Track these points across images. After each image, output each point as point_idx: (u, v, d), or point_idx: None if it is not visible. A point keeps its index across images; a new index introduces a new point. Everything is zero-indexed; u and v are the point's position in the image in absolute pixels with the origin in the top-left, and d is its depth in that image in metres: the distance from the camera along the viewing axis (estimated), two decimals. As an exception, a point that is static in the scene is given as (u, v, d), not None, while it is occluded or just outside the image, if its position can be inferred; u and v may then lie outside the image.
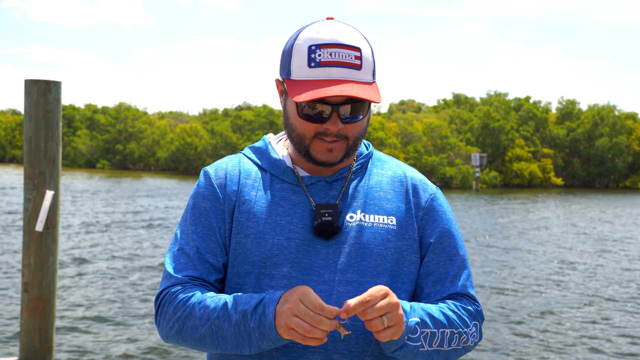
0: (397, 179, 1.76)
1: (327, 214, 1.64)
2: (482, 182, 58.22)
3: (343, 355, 1.61)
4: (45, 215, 4.82)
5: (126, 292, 11.09)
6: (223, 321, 1.54)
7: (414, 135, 62.87)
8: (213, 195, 1.70)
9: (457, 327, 1.66)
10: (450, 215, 1.79)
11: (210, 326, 1.55)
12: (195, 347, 1.61)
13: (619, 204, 39.94)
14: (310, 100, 1.55)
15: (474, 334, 1.71)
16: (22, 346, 4.93)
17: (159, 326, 1.66)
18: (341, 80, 1.57)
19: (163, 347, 8.10)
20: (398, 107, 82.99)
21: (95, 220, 21.57)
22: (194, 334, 1.58)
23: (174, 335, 1.62)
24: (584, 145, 68.35)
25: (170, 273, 1.66)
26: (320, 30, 1.60)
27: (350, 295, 1.62)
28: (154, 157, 73.85)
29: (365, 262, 1.65)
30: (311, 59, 1.57)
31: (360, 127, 1.66)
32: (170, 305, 1.62)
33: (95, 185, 41.84)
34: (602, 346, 8.84)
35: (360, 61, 1.59)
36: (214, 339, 1.56)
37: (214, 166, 1.77)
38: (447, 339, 1.64)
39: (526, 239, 20.44)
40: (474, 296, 1.76)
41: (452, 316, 1.67)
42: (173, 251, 1.69)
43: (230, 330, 1.53)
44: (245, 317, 1.51)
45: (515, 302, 11.32)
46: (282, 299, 1.49)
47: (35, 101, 4.84)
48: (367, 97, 1.54)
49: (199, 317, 1.56)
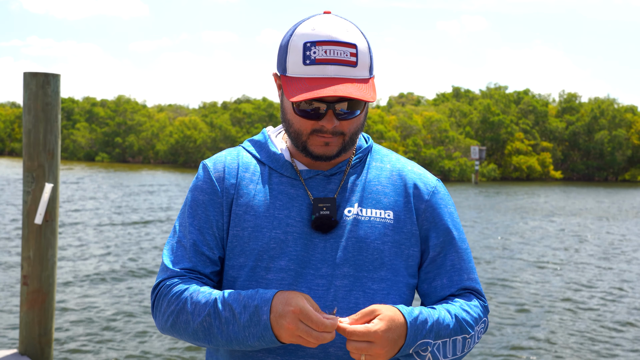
0: (395, 173, 1.76)
1: (324, 208, 1.64)
2: (481, 175, 58.22)
3: (340, 349, 1.61)
4: (45, 208, 4.82)
5: (125, 285, 11.10)
6: (213, 319, 1.54)
7: (414, 129, 62.83)
8: (211, 188, 1.70)
9: (468, 332, 1.67)
10: (452, 209, 1.78)
11: (201, 322, 1.56)
12: (191, 341, 1.62)
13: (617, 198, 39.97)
14: (304, 100, 1.55)
15: (481, 330, 1.72)
16: (21, 339, 4.94)
17: (155, 318, 1.67)
18: (336, 78, 1.56)
19: (163, 341, 8.12)
20: (397, 100, 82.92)
21: (94, 213, 21.57)
22: (187, 328, 1.58)
23: (169, 328, 1.63)
24: (583, 138, 68.31)
25: (167, 265, 1.67)
26: (315, 26, 1.59)
27: (348, 289, 1.63)
28: (153, 150, 73.79)
29: (362, 256, 1.65)
30: (306, 56, 1.56)
31: (357, 123, 1.66)
32: (164, 298, 1.62)
33: (94, 177, 41.82)
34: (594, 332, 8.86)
35: (356, 58, 1.58)
36: (206, 334, 1.57)
37: (212, 159, 1.77)
38: (459, 345, 1.66)
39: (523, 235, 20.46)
40: (481, 291, 1.76)
41: (462, 318, 1.67)
42: (171, 244, 1.70)
43: (220, 328, 1.54)
44: (234, 316, 1.52)
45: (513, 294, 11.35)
46: (276, 305, 1.49)
47: (34, 94, 4.83)
48: (360, 97, 1.53)
49: (190, 312, 1.57)
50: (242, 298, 1.53)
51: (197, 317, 1.56)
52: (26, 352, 4.90)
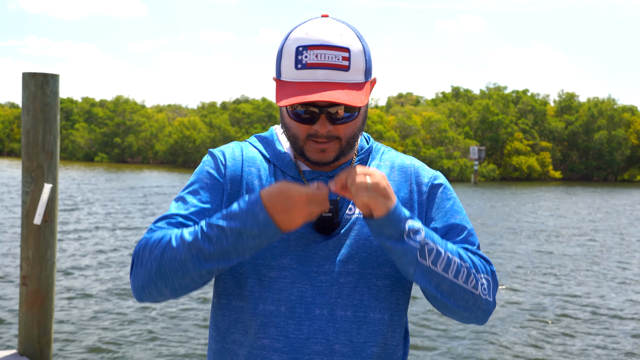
0: (396, 169, 1.76)
1: (327, 210, 1.64)
2: (481, 176, 58.23)
3: (345, 346, 1.61)
4: (44, 209, 4.81)
5: (125, 285, 11.09)
6: (203, 242, 1.48)
7: (413, 129, 62.85)
8: (217, 172, 1.70)
9: (467, 263, 1.59)
10: (453, 194, 1.77)
11: (189, 249, 1.49)
12: (174, 284, 1.53)
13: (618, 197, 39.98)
14: (290, 104, 1.54)
15: (485, 287, 1.63)
16: (20, 339, 4.93)
17: (134, 277, 1.59)
18: (326, 82, 1.54)
19: (164, 338, 8.12)
20: (397, 101, 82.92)
21: (95, 213, 21.56)
22: (174, 263, 1.50)
23: (151, 279, 1.54)
24: (582, 138, 68.34)
25: (151, 227, 1.63)
26: (309, 30, 1.59)
27: (352, 285, 1.63)
28: (153, 150, 73.78)
29: (366, 253, 1.65)
30: (298, 60, 1.56)
31: (354, 127, 1.65)
32: (145, 249, 1.56)
33: (93, 178, 41.79)
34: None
35: (349, 62, 1.56)
36: (197, 260, 1.49)
37: (220, 148, 1.78)
38: (454, 267, 1.57)
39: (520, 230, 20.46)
40: (487, 258, 1.71)
41: (463, 252, 1.61)
42: (164, 214, 1.67)
43: (211, 246, 1.48)
44: (223, 231, 1.47)
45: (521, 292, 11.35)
46: (270, 200, 1.47)
47: (33, 94, 4.82)
48: (347, 102, 1.51)
49: (175, 247, 1.51)
50: (224, 214, 1.50)
51: (184, 248, 1.50)
52: (25, 352, 4.89)
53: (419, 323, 9.24)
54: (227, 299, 1.68)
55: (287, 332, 1.60)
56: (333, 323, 1.60)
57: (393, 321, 1.68)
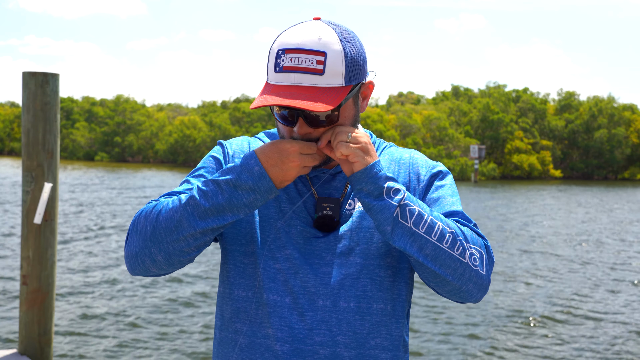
0: (395, 161, 1.78)
1: (328, 208, 1.67)
2: (481, 174, 58.23)
3: (348, 337, 1.63)
4: (44, 208, 4.81)
5: (125, 285, 11.10)
6: (199, 197, 1.53)
7: (413, 127, 62.86)
8: (224, 160, 1.75)
9: (453, 229, 1.57)
10: (451, 182, 1.78)
11: (185, 207, 1.53)
12: (169, 247, 1.56)
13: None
14: (255, 107, 1.56)
15: (476, 258, 1.59)
16: (21, 338, 4.93)
17: (128, 246, 1.61)
18: (298, 86, 1.54)
19: (163, 336, 8.12)
20: (397, 99, 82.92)
21: (94, 212, 21.57)
22: (169, 223, 1.53)
23: (145, 244, 1.57)
24: (582, 137, 68.33)
25: (151, 201, 1.67)
26: (292, 34, 1.59)
27: (355, 277, 1.64)
28: (153, 149, 73.80)
29: (367, 244, 1.67)
30: (277, 63, 1.58)
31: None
32: (141, 216, 1.60)
33: (94, 177, 41.79)
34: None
35: (324, 66, 1.55)
36: (192, 219, 1.52)
37: (229, 141, 1.82)
38: (438, 231, 1.55)
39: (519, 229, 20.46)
40: (482, 234, 1.68)
41: (451, 222, 1.59)
42: (166, 192, 1.71)
43: (206, 201, 1.52)
44: (218, 186, 1.53)
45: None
46: (265, 154, 1.54)
47: (33, 93, 4.82)
48: (306, 107, 1.50)
49: (172, 207, 1.55)
50: (220, 171, 1.56)
51: (180, 207, 1.53)
52: (26, 351, 4.89)
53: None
54: (230, 288, 1.71)
55: (290, 322, 1.62)
56: (336, 314, 1.62)
57: (396, 312, 1.69)
